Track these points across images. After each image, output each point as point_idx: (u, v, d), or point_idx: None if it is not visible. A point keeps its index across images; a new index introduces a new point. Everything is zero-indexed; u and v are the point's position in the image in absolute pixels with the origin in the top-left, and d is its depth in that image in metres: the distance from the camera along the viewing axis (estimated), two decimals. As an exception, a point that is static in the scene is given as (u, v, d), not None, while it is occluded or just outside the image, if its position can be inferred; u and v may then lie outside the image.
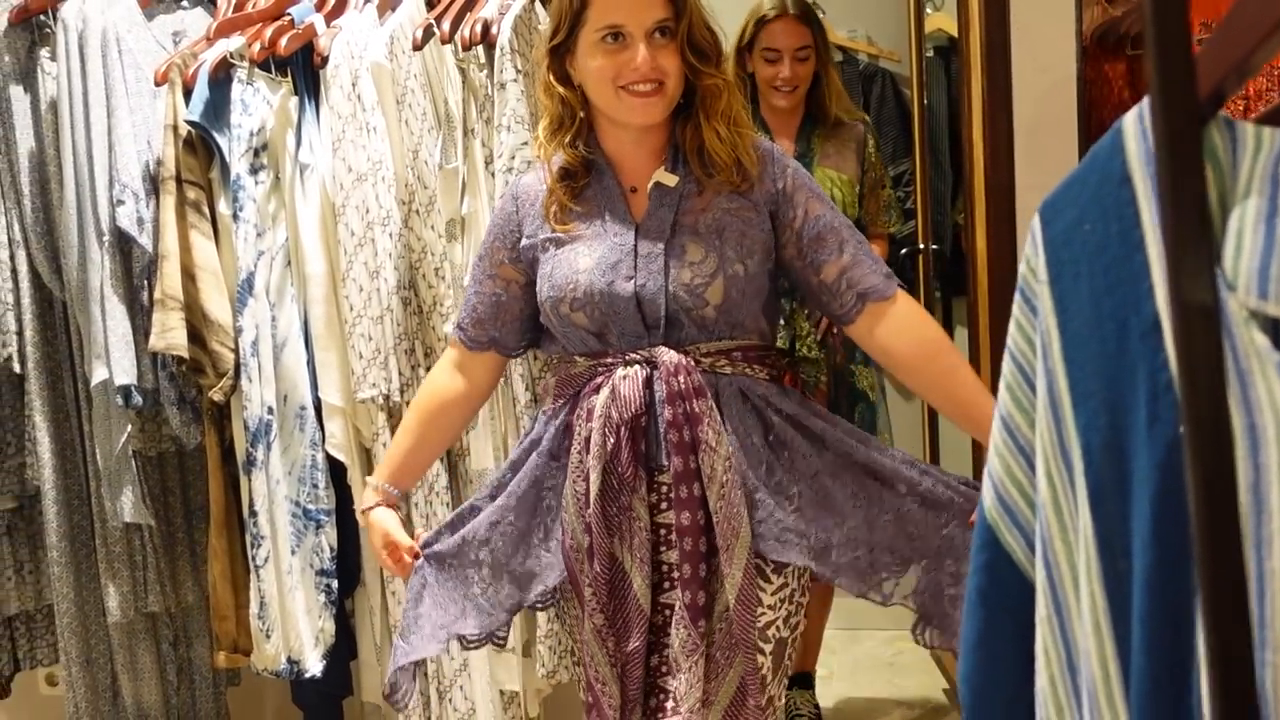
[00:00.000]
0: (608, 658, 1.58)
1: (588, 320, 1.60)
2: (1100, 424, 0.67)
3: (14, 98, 2.16)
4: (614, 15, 1.53)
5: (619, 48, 1.54)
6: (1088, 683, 0.70)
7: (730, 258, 1.58)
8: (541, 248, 1.65)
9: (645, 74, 1.54)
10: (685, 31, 1.55)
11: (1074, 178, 0.69)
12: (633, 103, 1.56)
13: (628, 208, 1.62)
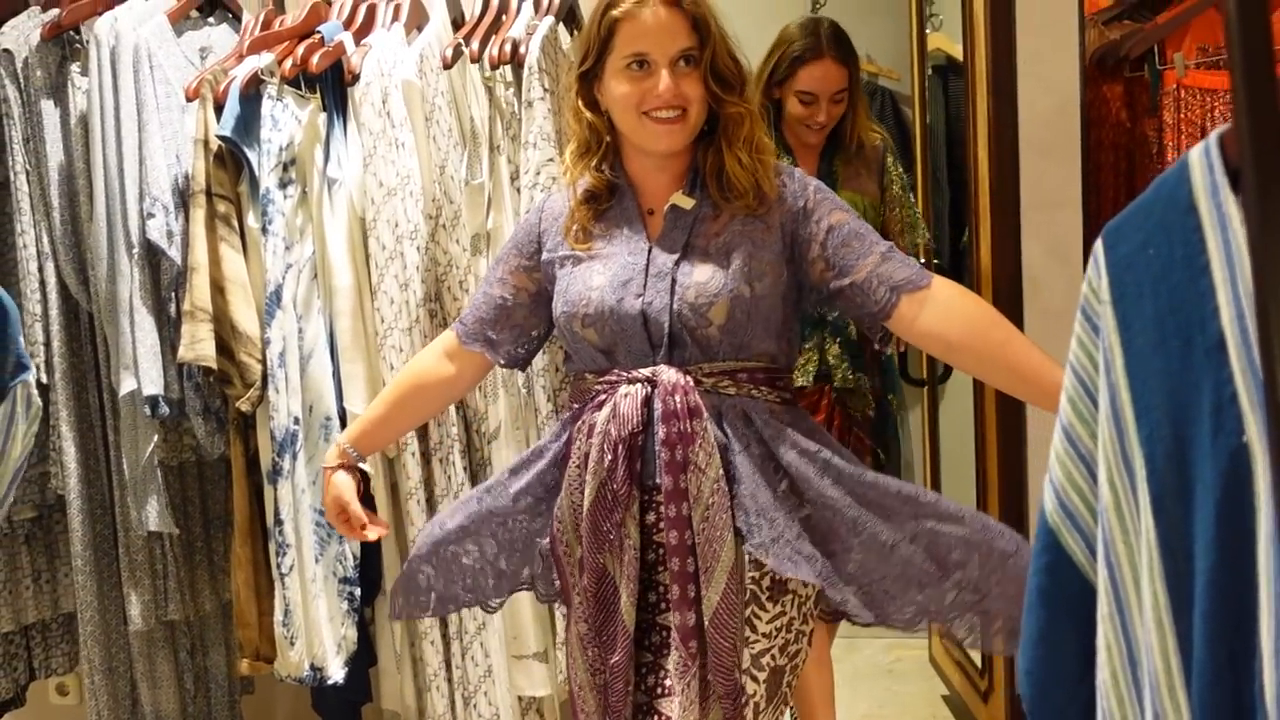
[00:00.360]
0: (587, 665, 1.62)
1: (598, 337, 1.63)
2: (1163, 435, 0.73)
3: (45, 112, 2.19)
4: (639, 44, 1.58)
5: (644, 75, 1.58)
6: (1150, 675, 0.75)
7: (737, 278, 1.60)
8: (559, 264, 1.69)
9: (668, 101, 1.58)
10: (709, 60, 1.59)
11: (1138, 205, 0.75)
12: (655, 129, 1.60)
13: (645, 228, 1.66)
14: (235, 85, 2.12)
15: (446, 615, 2.18)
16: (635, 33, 1.58)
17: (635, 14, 1.58)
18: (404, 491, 2.26)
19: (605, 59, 1.61)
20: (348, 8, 2.28)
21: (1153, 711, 0.75)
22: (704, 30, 1.59)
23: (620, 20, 1.58)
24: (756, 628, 1.60)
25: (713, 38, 1.60)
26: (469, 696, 2.30)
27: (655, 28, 1.57)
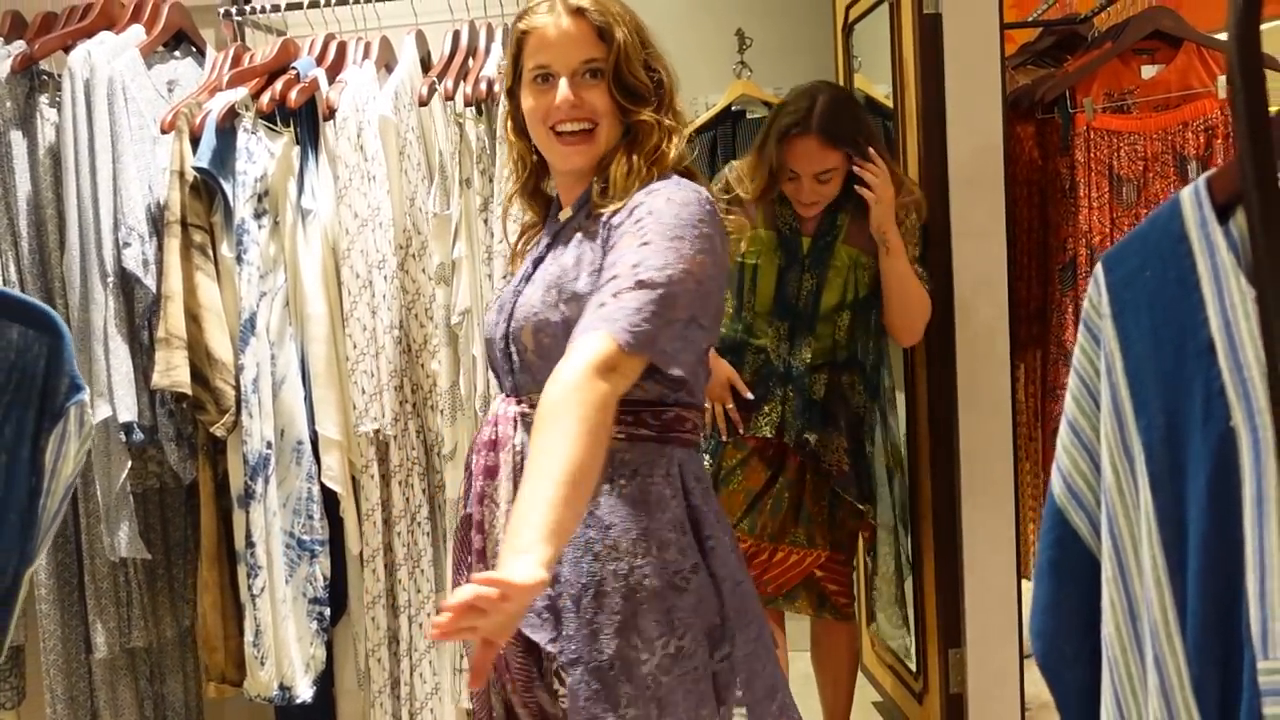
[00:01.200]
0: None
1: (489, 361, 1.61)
2: (1159, 424, 0.88)
3: (13, 142, 2.21)
4: (541, 55, 1.50)
5: (548, 88, 1.49)
6: (1150, 626, 0.90)
7: (550, 301, 1.45)
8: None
9: (566, 113, 1.48)
10: (613, 71, 1.48)
11: (1134, 236, 0.90)
12: (560, 148, 1.50)
13: (544, 250, 1.55)
14: (211, 118, 2.17)
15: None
16: (538, 44, 1.50)
17: (538, 26, 1.50)
18: (362, 511, 2.32)
19: (518, 75, 1.54)
20: (319, 45, 2.36)
21: (1153, 656, 0.89)
22: (609, 39, 1.48)
23: (526, 33, 1.51)
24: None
25: (618, 47, 1.48)
26: (415, 712, 2.36)
27: (557, 38, 1.48)
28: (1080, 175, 2.67)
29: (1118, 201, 2.69)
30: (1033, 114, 2.88)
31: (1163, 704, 0.89)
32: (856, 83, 3.49)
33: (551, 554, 1.15)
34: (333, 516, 2.32)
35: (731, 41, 3.77)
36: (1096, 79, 2.70)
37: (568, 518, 1.20)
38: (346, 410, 2.26)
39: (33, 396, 1.27)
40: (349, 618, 2.40)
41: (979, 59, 2.54)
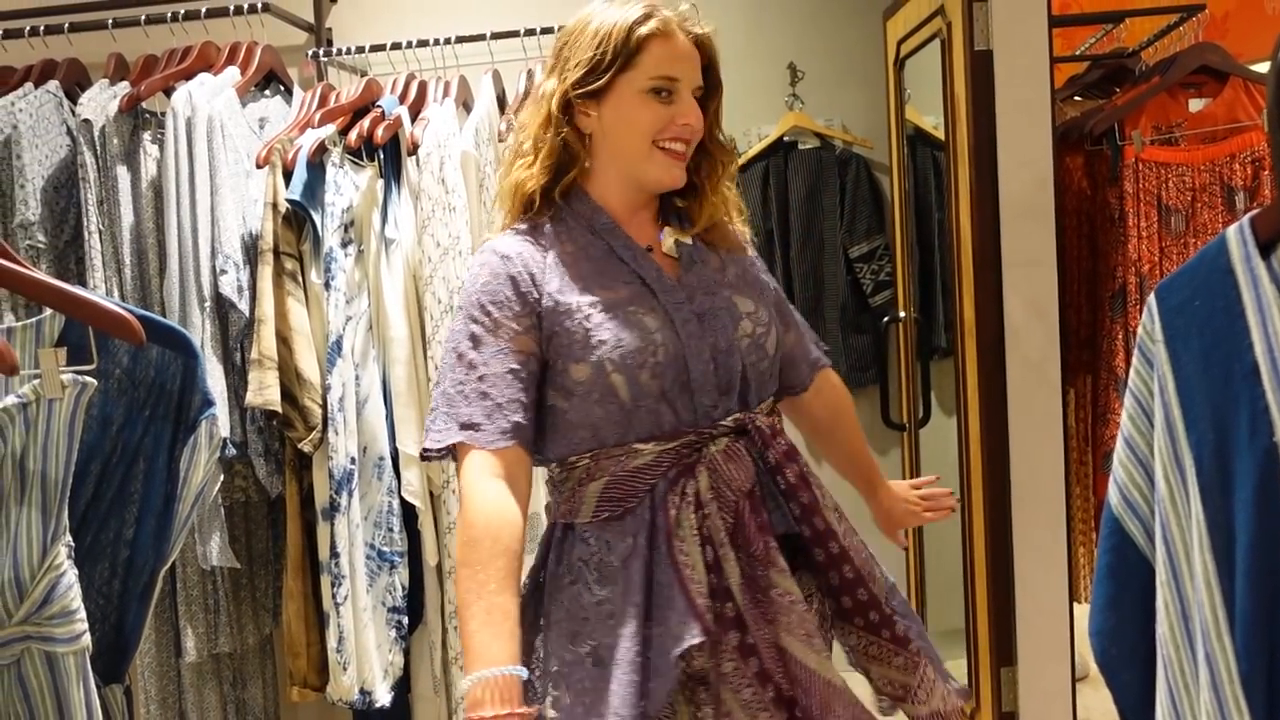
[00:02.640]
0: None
1: (664, 387, 1.42)
2: (1209, 439, 0.97)
3: (119, 176, 2.37)
4: (673, 67, 1.46)
5: (666, 101, 1.46)
6: (1200, 625, 0.99)
7: (769, 308, 1.57)
8: (570, 317, 1.42)
9: (693, 130, 1.48)
10: (718, 105, 1.54)
11: (1184, 270, 1.00)
12: (665, 160, 1.47)
13: (658, 267, 1.49)
14: (303, 153, 2.32)
15: None
16: (669, 55, 1.45)
17: (670, 34, 1.46)
18: (444, 525, 2.44)
19: (619, 77, 1.45)
20: (401, 84, 2.51)
21: (1204, 653, 0.98)
22: (713, 71, 1.53)
23: (651, 38, 1.44)
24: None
25: (719, 81, 1.54)
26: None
27: (685, 55, 1.48)
28: (1129, 205, 2.74)
29: (1166, 231, 2.76)
30: (1082, 145, 2.96)
31: (1213, 697, 0.98)
32: (907, 115, 3.59)
33: None
34: (411, 530, 2.44)
35: (784, 74, 3.88)
36: (1145, 112, 2.78)
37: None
38: (425, 429, 2.38)
39: (170, 410, 1.40)
40: (425, 627, 2.51)
41: (1029, 93, 2.63)
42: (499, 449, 1.40)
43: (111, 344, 1.37)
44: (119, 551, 1.38)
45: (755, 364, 1.49)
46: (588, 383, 1.42)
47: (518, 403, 1.42)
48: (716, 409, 1.45)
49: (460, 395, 1.42)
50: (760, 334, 1.50)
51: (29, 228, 2.36)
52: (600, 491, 1.44)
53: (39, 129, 2.40)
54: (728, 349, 1.46)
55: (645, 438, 1.42)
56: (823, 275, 3.80)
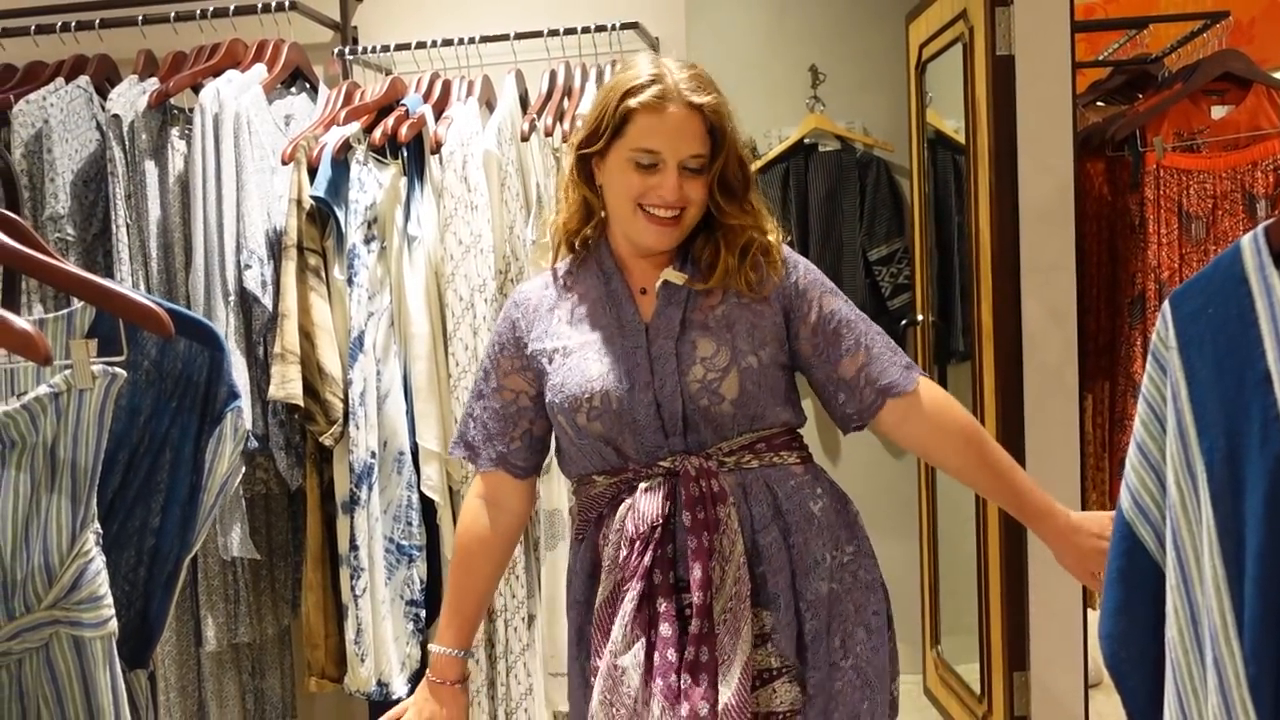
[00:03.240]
0: None
1: (604, 429, 1.55)
2: (1220, 445, 0.98)
3: (147, 171, 2.40)
4: (652, 140, 1.51)
5: (650, 171, 1.52)
6: (1210, 630, 1.00)
7: (743, 350, 1.55)
8: (548, 357, 1.60)
9: (669, 202, 1.52)
10: (719, 170, 1.55)
11: (1199, 278, 1.01)
12: (648, 226, 1.54)
13: (637, 310, 1.59)
14: (327, 151, 2.34)
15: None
16: (650, 128, 1.51)
17: (655, 109, 1.51)
18: (464, 522, 2.47)
19: (613, 143, 1.54)
20: (424, 83, 2.53)
21: (1212, 657, 0.99)
22: (719, 138, 1.53)
23: (637, 111, 1.51)
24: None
25: (726, 148, 1.54)
26: (511, 711, 2.49)
27: (672, 128, 1.51)
28: (1150, 212, 2.75)
29: (1187, 238, 2.76)
30: (1103, 151, 2.97)
31: (1221, 701, 0.99)
32: (928, 118, 3.60)
33: None
34: (430, 524, 2.47)
35: (805, 76, 3.90)
36: (1167, 118, 2.78)
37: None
38: (446, 424, 2.41)
39: (196, 401, 1.42)
40: (441, 621, 2.54)
41: (1051, 98, 2.64)
42: (485, 472, 1.69)
43: (140, 336, 1.40)
44: (145, 539, 1.41)
45: (707, 407, 1.54)
46: (552, 419, 1.64)
47: (506, 435, 1.67)
48: (662, 449, 1.55)
49: (470, 417, 1.71)
50: (713, 379, 1.54)
51: (58, 220, 2.40)
52: (578, 514, 1.66)
53: (69, 124, 2.44)
54: (671, 393, 1.54)
55: (599, 471, 1.60)
56: (841, 278, 3.81)
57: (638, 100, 1.51)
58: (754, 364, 1.55)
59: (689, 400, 1.53)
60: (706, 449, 1.55)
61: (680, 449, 1.55)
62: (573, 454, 1.63)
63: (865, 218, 3.84)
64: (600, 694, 1.51)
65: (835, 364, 1.60)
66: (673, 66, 1.55)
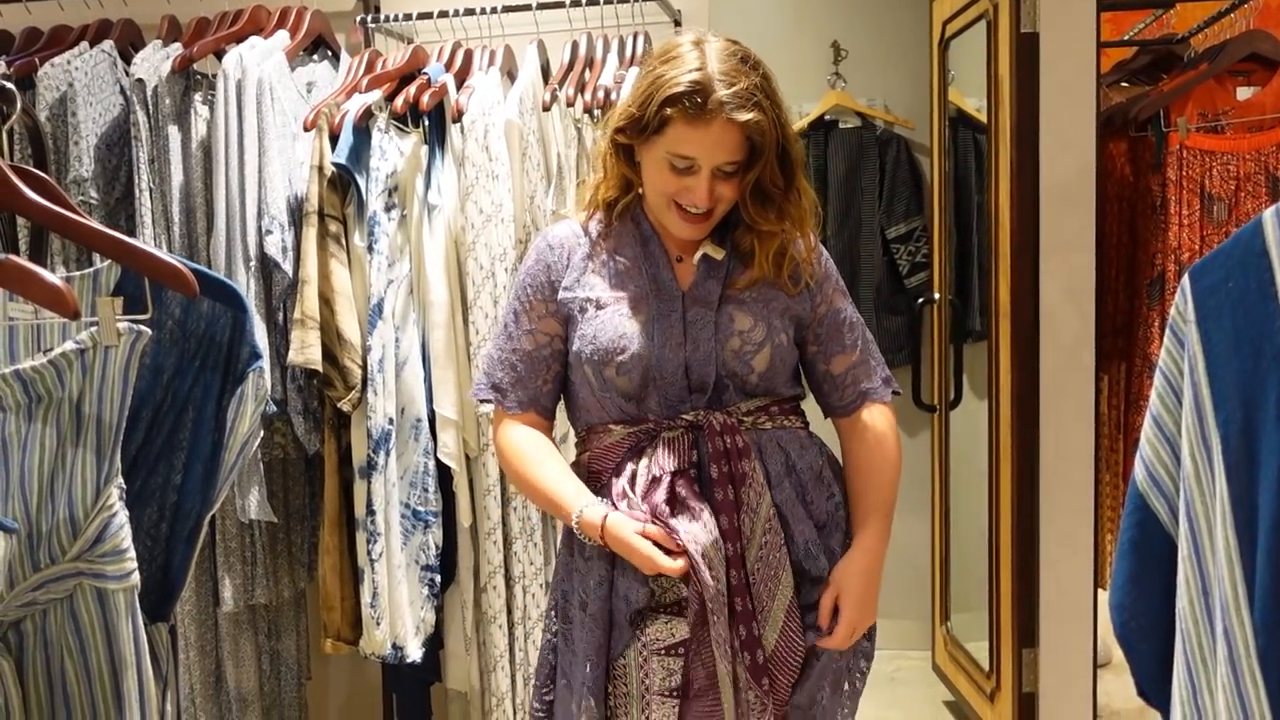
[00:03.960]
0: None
1: (630, 385, 1.60)
2: (1236, 418, 0.99)
3: (170, 136, 2.41)
4: (688, 148, 1.52)
5: (684, 173, 1.54)
6: (1220, 601, 1.01)
7: (776, 328, 1.62)
8: (580, 306, 1.63)
9: (700, 204, 1.56)
10: (754, 178, 1.55)
11: (1219, 250, 1.01)
12: (679, 221, 1.58)
13: (674, 276, 1.63)
14: (349, 118, 2.35)
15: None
16: (688, 137, 1.51)
17: (694, 121, 1.50)
18: (481, 488, 2.49)
19: (652, 139, 1.55)
20: (447, 52, 2.54)
21: (1222, 628, 1.00)
22: (758, 148, 1.53)
23: (675, 119, 1.51)
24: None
25: (764, 158, 1.54)
26: (529, 677, 2.52)
27: (711, 140, 1.51)
28: (1171, 193, 2.73)
29: (1208, 219, 2.75)
30: (1126, 131, 2.95)
31: (1230, 671, 1.00)
32: (950, 96, 3.58)
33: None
34: (446, 491, 2.49)
35: (827, 52, 3.88)
36: (1191, 99, 2.76)
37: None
38: (463, 391, 2.43)
39: (219, 361, 1.44)
40: (457, 586, 2.57)
41: (1075, 77, 2.63)
42: (516, 415, 1.69)
43: (165, 296, 1.41)
44: (167, 496, 1.43)
45: (736, 373, 1.61)
46: (574, 368, 1.65)
47: (538, 377, 1.68)
48: (684, 404, 1.61)
49: (499, 360, 1.70)
50: (748, 352, 1.60)
51: (82, 184, 2.42)
52: (588, 464, 1.68)
53: (93, 87, 2.45)
54: (705, 358, 1.60)
55: (617, 420, 1.63)
56: (859, 255, 3.81)
57: (677, 109, 1.50)
58: (783, 342, 1.63)
59: (721, 367, 1.60)
60: (727, 408, 1.61)
61: (702, 406, 1.61)
62: (590, 404, 1.65)
63: (884, 195, 3.83)
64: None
65: (830, 358, 1.70)
66: (715, 63, 1.51)
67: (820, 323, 1.68)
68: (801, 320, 1.67)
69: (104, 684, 1.29)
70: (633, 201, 1.66)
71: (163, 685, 1.39)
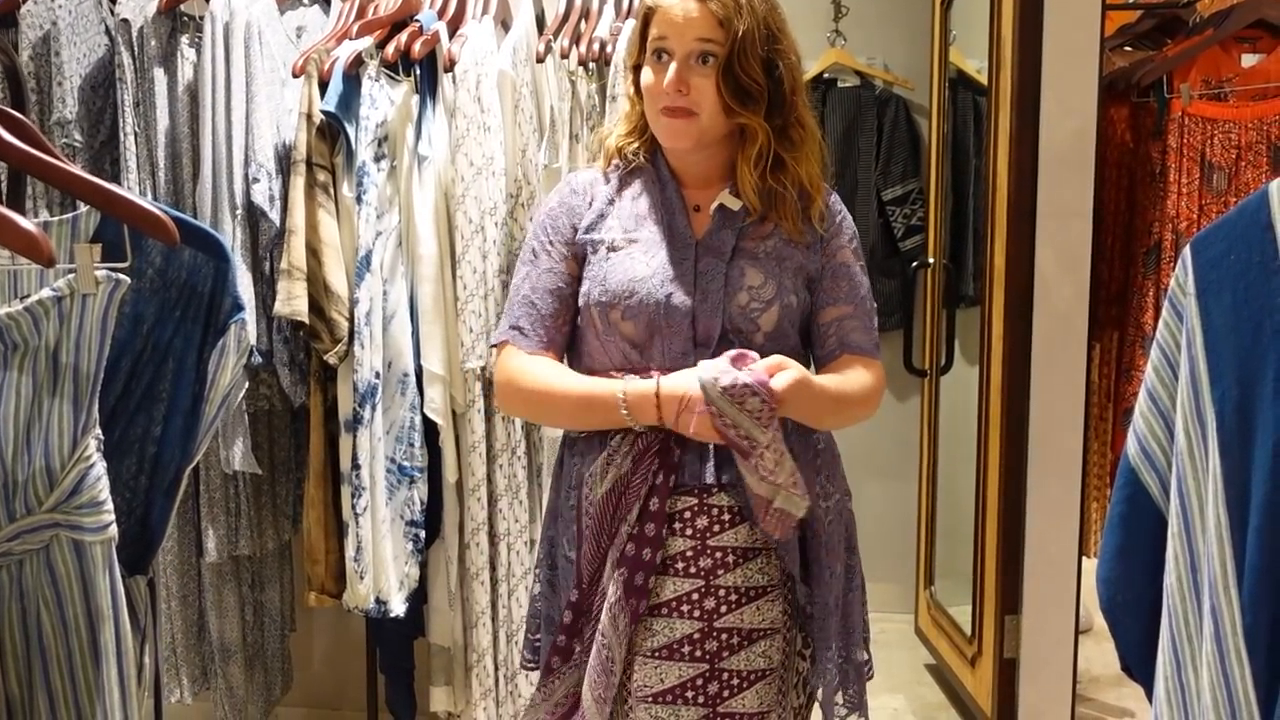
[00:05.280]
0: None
1: (635, 331, 1.58)
2: (1233, 395, 0.97)
3: (155, 79, 2.36)
4: (661, 30, 1.55)
5: (663, 66, 1.55)
6: (1209, 577, 1.00)
7: (787, 287, 1.59)
8: (593, 248, 1.63)
9: (668, 92, 1.54)
10: (725, 62, 1.53)
11: (1223, 221, 0.99)
12: (664, 121, 1.57)
13: (689, 223, 1.62)
14: (339, 65, 2.31)
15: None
16: (661, 21, 1.55)
17: (664, 4, 1.55)
18: (467, 444, 2.47)
19: (643, 48, 1.60)
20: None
21: (1210, 605, 0.99)
22: (728, 28, 1.52)
23: (653, 10, 1.57)
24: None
25: (735, 39, 1.52)
26: (512, 634, 2.52)
27: (679, 19, 1.53)
28: (1171, 160, 2.70)
29: (1208, 188, 2.73)
30: (1128, 97, 2.91)
31: (1215, 649, 0.99)
32: (951, 57, 3.54)
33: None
34: (432, 446, 2.47)
35: (828, 8, 3.82)
36: (1195, 65, 2.73)
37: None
38: (451, 346, 2.40)
39: (200, 312, 1.42)
40: (442, 542, 2.56)
41: (1078, 40, 2.58)
42: (535, 353, 1.64)
43: (145, 244, 1.38)
44: (146, 448, 1.41)
45: (742, 330, 1.58)
46: (582, 310, 1.63)
47: (559, 315, 1.65)
48: (687, 358, 1.57)
49: (519, 300, 1.67)
50: (755, 310, 1.58)
51: (65, 126, 2.37)
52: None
53: (78, 26, 2.39)
54: (712, 310, 1.57)
55: (618, 368, 1.61)
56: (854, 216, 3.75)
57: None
58: (793, 303, 1.60)
59: (727, 321, 1.57)
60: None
61: (706, 358, 1.56)
62: (594, 348, 1.63)
63: (881, 156, 3.79)
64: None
65: (821, 308, 1.66)
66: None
67: (824, 273, 1.65)
68: (813, 277, 1.64)
69: (81, 636, 1.28)
70: (650, 145, 1.66)
71: (140, 638, 1.38)
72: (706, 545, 1.57)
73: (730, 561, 1.57)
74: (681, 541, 1.57)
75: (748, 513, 1.57)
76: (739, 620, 1.57)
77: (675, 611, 1.56)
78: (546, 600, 1.73)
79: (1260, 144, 2.67)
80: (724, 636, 1.56)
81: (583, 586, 1.60)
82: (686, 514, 1.58)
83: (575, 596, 1.60)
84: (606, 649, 1.55)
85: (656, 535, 1.56)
